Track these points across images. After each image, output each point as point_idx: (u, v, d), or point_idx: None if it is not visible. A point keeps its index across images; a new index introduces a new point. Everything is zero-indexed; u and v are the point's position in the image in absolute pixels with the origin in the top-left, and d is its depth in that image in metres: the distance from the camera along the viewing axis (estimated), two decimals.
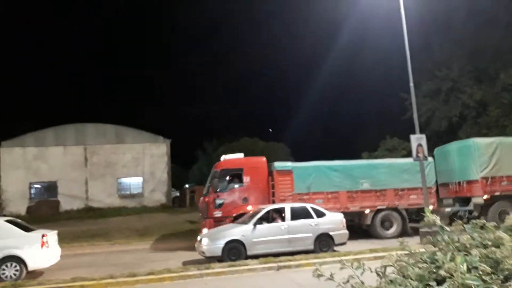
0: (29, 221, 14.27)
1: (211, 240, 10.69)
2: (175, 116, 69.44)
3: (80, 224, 21.58)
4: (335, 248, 11.33)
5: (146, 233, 17.72)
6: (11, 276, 9.40)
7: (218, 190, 13.69)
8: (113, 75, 71.79)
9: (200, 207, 14.78)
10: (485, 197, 13.94)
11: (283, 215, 11.43)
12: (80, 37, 73.25)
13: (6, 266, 9.48)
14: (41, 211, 25.42)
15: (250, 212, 12.38)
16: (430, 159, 14.66)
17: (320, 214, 11.53)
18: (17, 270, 9.49)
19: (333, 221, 11.60)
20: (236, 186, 13.92)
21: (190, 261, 11.14)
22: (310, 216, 11.40)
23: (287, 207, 11.59)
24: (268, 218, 11.55)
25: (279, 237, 10.95)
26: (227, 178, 13.99)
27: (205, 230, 12.55)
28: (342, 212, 13.17)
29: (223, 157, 14.82)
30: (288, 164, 14.75)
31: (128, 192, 29.77)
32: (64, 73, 71.37)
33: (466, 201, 14.75)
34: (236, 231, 10.92)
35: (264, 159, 14.93)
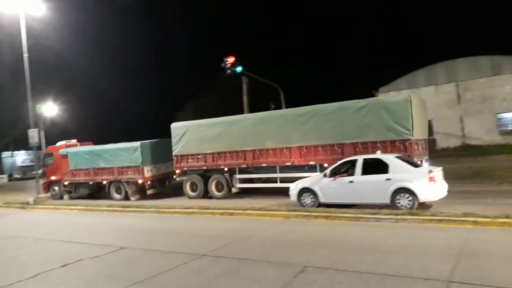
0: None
1: None
2: None
3: (458, 161, 21.38)
4: None
5: None
6: (405, 206, 10.53)
7: (44, 166, 22.68)
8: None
9: None
10: (177, 171, 18.09)
11: None
12: None
13: (400, 196, 10.68)
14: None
15: None
16: (137, 143, 18.74)
17: None
18: (410, 201, 10.49)
19: None
20: (49, 164, 22.43)
21: None
22: None
23: None
24: None
25: None
26: (47, 158, 22.62)
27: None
28: (91, 183, 20.48)
29: (58, 143, 23.07)
30: (65, 150, 21.32)
31: (510, 128, 26.78)
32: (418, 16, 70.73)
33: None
34: None
35: (64, 146, 22.26)
